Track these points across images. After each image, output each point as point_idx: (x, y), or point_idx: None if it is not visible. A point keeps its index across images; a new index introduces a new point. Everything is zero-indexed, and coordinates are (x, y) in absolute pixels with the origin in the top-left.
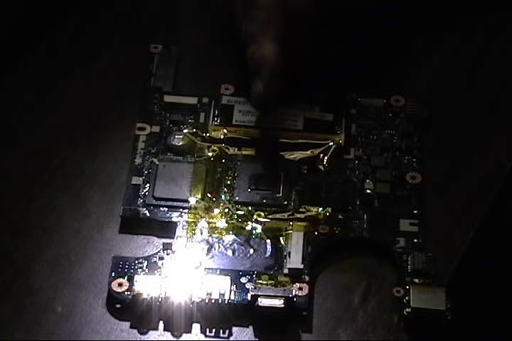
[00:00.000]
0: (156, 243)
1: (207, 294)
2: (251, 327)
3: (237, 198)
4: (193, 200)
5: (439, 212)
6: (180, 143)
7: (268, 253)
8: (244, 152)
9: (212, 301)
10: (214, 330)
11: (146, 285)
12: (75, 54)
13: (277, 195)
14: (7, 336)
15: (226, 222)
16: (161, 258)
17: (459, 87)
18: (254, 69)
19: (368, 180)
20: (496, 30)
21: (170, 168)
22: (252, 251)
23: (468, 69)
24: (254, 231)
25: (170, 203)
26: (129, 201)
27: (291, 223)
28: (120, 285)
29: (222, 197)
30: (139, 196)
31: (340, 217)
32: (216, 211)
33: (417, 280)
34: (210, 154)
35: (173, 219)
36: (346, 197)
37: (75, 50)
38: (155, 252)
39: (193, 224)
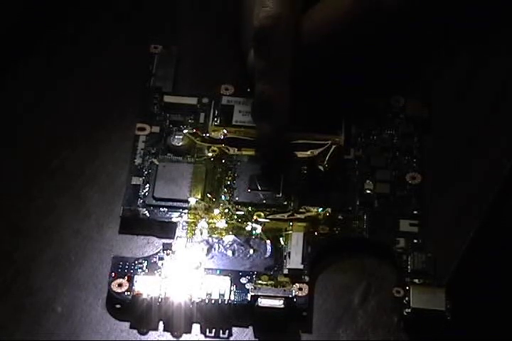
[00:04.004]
0: (156, 243)
1: (207, 294)
2: (251, 328)
3: (237, 198)
4: (192, 201)
5: (439, 212)
6: (180, 144)
7: (268, 254)
8: (244, 152)
9: (212, 301)
10: (214, 330)
11: (146, 286)
12: (75, 54)
13: (277, 195)
14: (7, 336)
15: (226, 223)
16: (161, 259)
17: (459, 87)
18: (262, 108)
19: (367, 180)
20: (496, 30)
21: (170, 168)
22: (252, 251)
23: (468, 70)
24: (254, 232)
25: (170, 203)
26: (129, 201)
27: (291, 223)
28: (120, 285)
29: (222, 197)
30: (138, 196)
31: (340, 217)
32: (216, 211)
33: (417, 281)
34: (210, 154)
35: (173, 220)
36: (346, 197)
37: (75, 50)
38: (155, 252)
39: (192, 224)
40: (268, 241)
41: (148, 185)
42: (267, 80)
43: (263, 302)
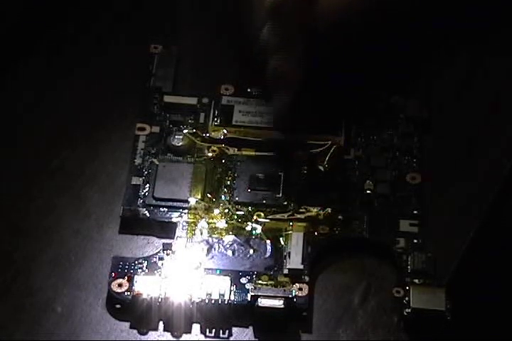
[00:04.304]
0: (156, 243)
1: (207, 294)
2: (251, 328)
3: (237, 198)
4: (192, 200)
5: (439, 212)
6: (180, 144)
7: (268, 254)
8: (244, 152)
9: (212, 301)
10: (214, 330)
11: (146, 286)
12: (75, 54)
13: (277, 195)
14: (7, 336)
15: (226, 223)
16: (161, 259)
17: (459, 87)
18: (276, 82)
19: (368, 181)
20: (496, 30)
21: (170, 168)
22: (252, 251)
23: (468, 70)
24: (254, 232)
25: (170, 203)
26: (129, 201)
27: (291, 223)
28: (120, 285)
29: (222, 197)
30: (138, 196)
31: (340, 217)
32: (216, 211)
33: (417, 281)
34: (209, 154)
35: (173, 220)
36: (346, 197)
37: (75, 50)
38: (155, 252)
39: (192, 224)
40: (268, 241)
41: (148, 185)
42: (279, 55)
43: (263, 302)
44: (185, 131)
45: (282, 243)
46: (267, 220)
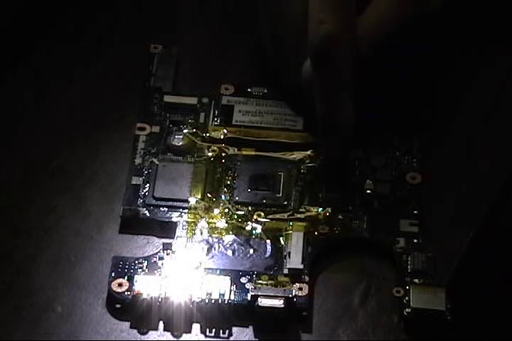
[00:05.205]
0: (156, 243)
1: (207, 294)
2: (251, 327)
3: (237, 198)
4: (193, 200)
5: (439, 212)
6: (180, 143)
7: (268, 254)
8: (244, 152)
9: (212, 301)
10: (214, 330)
11: (146, 285)
12: (75, 54)
13: (277, 195)
14: (7, 336)
15: (226, 222)
16: (161, 259)
17: (459, 87)
18: (330, 127)
19: (368, 180)
20: (496, 30)
21: (170, 168)
22: (252, 251)
23: (469, 70)
24: (254, 232)
25: (170, 203)
26: (129, 201)
27: (291, 223)
28: (120, 285)
29: (222, 197)
30: (139, 196)
31: (340, 217)
32: (216, 211)
33: (417, 281)
34: (210, 154)
35: (173, 219)
36: (346, 197)
37: (75, 50)
38: (155, 252)
39: (193, 224)
40: (268, 241)
41: (148, 185)
42: (332, 101)
43: (263, 302)
44: (185, 131)
45: (282, 243)
46: (267, 220)
